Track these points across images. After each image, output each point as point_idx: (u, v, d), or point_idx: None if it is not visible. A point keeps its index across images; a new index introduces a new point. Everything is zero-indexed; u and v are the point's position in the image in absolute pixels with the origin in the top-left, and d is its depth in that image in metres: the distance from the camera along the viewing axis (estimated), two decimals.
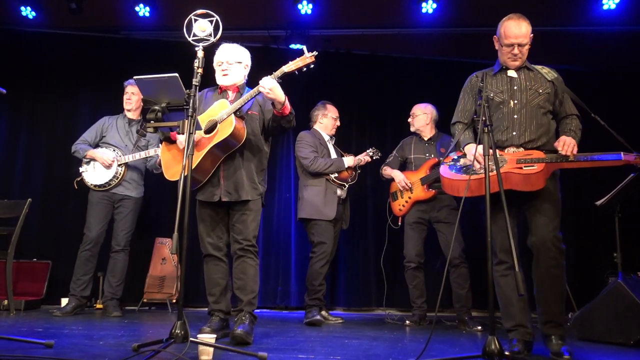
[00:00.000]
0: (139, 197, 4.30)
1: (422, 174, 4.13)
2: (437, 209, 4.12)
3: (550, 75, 2.76)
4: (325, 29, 5.43)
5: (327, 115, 4.29)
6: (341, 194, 4.17)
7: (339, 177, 4.14)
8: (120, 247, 4.21)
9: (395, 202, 4.27)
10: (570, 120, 2.77)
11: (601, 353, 2.89)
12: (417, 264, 4.12)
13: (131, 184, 4.24)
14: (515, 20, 2.69)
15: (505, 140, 2.71)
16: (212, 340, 2.34)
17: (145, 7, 4.95)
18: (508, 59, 2.75)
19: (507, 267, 2.65)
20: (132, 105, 4.34)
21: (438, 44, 5.47)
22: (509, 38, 2.69)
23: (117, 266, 4.21)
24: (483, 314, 4.65)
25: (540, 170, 2.55)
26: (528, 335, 2.64)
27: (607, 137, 2.78)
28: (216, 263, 3.02)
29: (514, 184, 2.58)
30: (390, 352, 2.67)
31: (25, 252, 4.55)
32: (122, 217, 4.21)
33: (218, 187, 2.94)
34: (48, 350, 2.40)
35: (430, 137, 4.26)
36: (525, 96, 2.72)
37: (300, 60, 2.81)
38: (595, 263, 4.93)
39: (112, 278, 4.20)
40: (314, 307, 3.97)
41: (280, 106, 2.83)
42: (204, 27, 2.57)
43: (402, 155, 4.34)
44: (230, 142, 2.85)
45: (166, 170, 3.03)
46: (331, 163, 4.12)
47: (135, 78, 2.52)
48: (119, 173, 4.16)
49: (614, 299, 3.25)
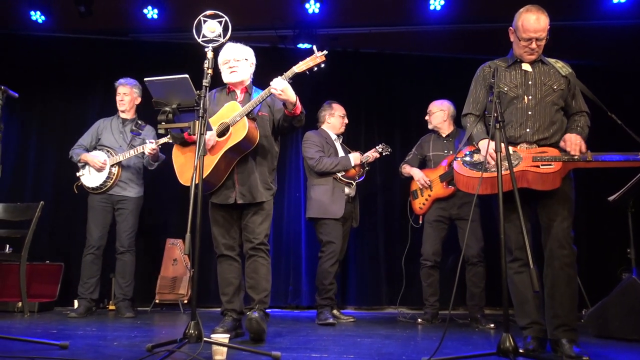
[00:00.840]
0: (137, 197, 4.26)
1: (441, 171, 4.11)
2: (458, 205, 4.08)
3: (564, 70, 2.70)
4: (332, 28, 5.42)
5: (335, 115, 4.27)
6: (349, 192, 4.15)
7: (346, 175, 4.12)
8: (125, 249, 4.20)
9: (415, 201, 4.25)
10: (579, 117, 2.72)
11: (616, 350, 2.86)
12: (434, 262, 4.10)
13: (128, 184, 4.21)
14: (534, 13, 2.58)
15: (519, 136, 2.66)
16: (225, 340, 2.34)
17: (154, 9, 4.97)
18: (524, 52, 2.67)
19: (522, 264, 2.62)
20: (125, 105, 4.30)
21: (446, 40, 5.44)
22: (528, 32, 2.59)
23: (124, 267, 4.21)
24: (495, 312, 4.64)
25: (558, 170, 2.51)
26: (542, 333, 2.61)
27: (617, 136, 2.74)
28: (230, 263, 3.04)
29: (530, 183, 2.54)
30: (404, 351, 2.66)
31: (38, 254, 4.59)
32: (123, 219, 4.20)
33: (233, 189, 2.95)
34: (63, 351, 2.42)
35: (448, 134, 4.23)
36: (540, 92, 2.66)
37: (310, 60, 2.81)
38: (608, 259, 4.88)
39: (121, 279, 4.21)
40: (326, 307, 3.96)
41: (292, 107, 2.83)
42: (214, 28, 2.58)
43: (421, 153, 4.32)
44: (244, 144, 2.85)
45: (180, 175, 3.02)
46: (337, 162, 4.09)
47: (146, 80, 2.53)
48: (112, 174, 4.12)
49: (628, 295, 3.22)
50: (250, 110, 2.86)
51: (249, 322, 2.78)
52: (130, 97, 4.32)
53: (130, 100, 4.32)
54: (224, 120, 2.89)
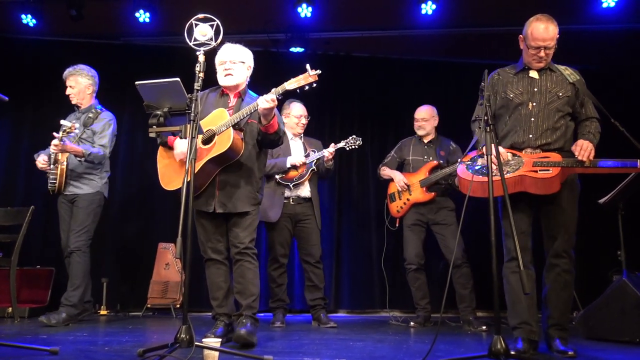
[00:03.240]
0: (90, 193, 3.89)
1: (421, 176, 4.13)
2: (435, 211, 4.12)
3: (572, 77, 2.74)
4: (325, 31, 5.43)
5: (290, 115, 4.18)
6: (290, 195, 4.07)
7: (284, 177, 4.06)
8: (70, 250, 3.81)
9: (393, 204, 4.27)
10: (590, 123, 2.75)
11: (607, 351, 2.88)
12: (418, 265, 4.12)
13: (78, 181, 3.89)
14: (543, 22, 2.63)
15: (522, 142, 2.71)
16: (217, 345, 2.34)
17: (146, 12, 4.95)
18: (533, 60, 2.72)
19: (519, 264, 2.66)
20: (75, 99, 4.00)
21: (438, 45, 5.46)
22: (537, 41, 2.64)
23: (70, 270, 3.83)
24: (488, 314, 4.65)
25: (554, 175, 2.55)
26: (533, 334, 2.64)
27: (616, 141, 2.77)
28: (217, 266, 3.02)
29: (527, 187, 2.59)
30: (396, 354, 2.66)
31: (28, 259, 4.55)
32: (74, 217, 3.87)
33: (213, 198, 2.91)
34: (53, 357, 2.40)
35: (430, 140, 4.26)
36: (544, 99, 2.71)
37: (302, 79, 2.74)
38: (599, 261, 4.91)
39: (68, 283, 3.82)
40: (278, 310, 4.08)
41: (265, 122, 2.81)
42: (205, 32, 2.58)
43: (401, 156, 4.33)
44: (227, 155, 2.81)
45: (162, 179, 2.99)
46: (273, 164, 4.02)
47: (137, 83, 2.53)
48: (56, 174, 3.81)
49: (619, 297, 3.25)
50: (238, 122, 2.82)
51: (238, 337, 2.76)
52: (78, 88, 4.00)
53: (79, 91, 4.00)
54: (210, 127, 2.85)
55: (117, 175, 5.14)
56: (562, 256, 2.70)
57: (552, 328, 2.71)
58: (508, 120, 2.77)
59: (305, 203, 4.11)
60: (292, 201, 4.08)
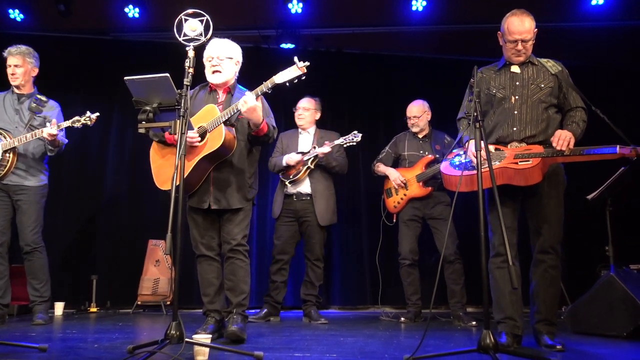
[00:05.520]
0: (39, 186, 3.74)
1: (418, 171, 4.14)
2: (431, 205, 4.13)
3: (554, 69, 2.77)
4: (315, 28, 5.43)
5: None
6: (293, 191, 4.13)
7: (284, 174, 4.18)
8: (31, 247, 3.70)
9: (389, 199, 4.27)
10: (575, 112, 2.77)
11: (594, 345, 2.91)
12: (412, 260, 4.13)
13: (27, 172, 3.69)
14: (518, 16, 2.69)
15: (507, 136, 2.74)
16: (207, 341, 2.33)
17: (135, 8, 4.93)
18: (512, 54, 2.76)
19: (504, 260, 2.68)
20: (19, 79, 3.75)
21: (428, 41, 5.49)
22: (513, 34, 2.69)
23: (34, 268, 3.75)
24: (477, 310, 4.68)
25: (534, 165, 2.57)
26: (517, 329, 2.68)
27: (602, 131, 2.78)
28: (209, 263, 3.01)
29: (511, 179, 2.61)
30: (386, 349, 2.67)
31: (17, 256, 4.50)
32: (23, 212, 3.68)
33: (208, 194, 2.90)
34: (42, 354, 2.38)
35: (425, 135, 4.27)
36: (526, 91, 2.74)
37: (291, 72, 2.68)
38: (587, 256, 4.96)
39: (33, 281, 3.75)
40: (265, 305, 4.16)
41: (255, 127, 2.80)
42: (195, 27, 2.56)
43: (396, 152, 4.34)
44: (220, 152, 2.79)
45: (157, 177, 2.96)
46: (275, 162, 4.17)
47: (126, 79, 2.51)
48: (6, 160, 3.59)
49: (606, 291, 3.28)
50: (229, 117, 2.80)
51: (229, 334, 2.77)
52: (24, 68, 3.77)
53: (24, 72, 3.77)
54: (202, 124, 2.82)
55: (107, 172, 5.11)
56: (549, 252, 2.72)
57: (540, 323, 2.73)
58: (493, 116, 2.80)
59: (305, 199, 4.14)
60: (295, 198, 4.12)
